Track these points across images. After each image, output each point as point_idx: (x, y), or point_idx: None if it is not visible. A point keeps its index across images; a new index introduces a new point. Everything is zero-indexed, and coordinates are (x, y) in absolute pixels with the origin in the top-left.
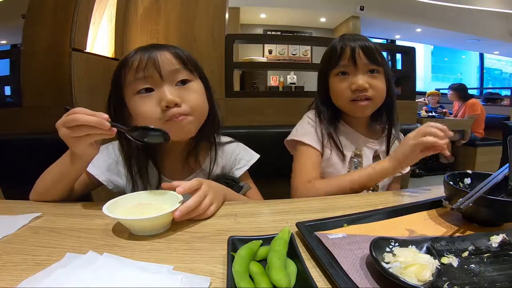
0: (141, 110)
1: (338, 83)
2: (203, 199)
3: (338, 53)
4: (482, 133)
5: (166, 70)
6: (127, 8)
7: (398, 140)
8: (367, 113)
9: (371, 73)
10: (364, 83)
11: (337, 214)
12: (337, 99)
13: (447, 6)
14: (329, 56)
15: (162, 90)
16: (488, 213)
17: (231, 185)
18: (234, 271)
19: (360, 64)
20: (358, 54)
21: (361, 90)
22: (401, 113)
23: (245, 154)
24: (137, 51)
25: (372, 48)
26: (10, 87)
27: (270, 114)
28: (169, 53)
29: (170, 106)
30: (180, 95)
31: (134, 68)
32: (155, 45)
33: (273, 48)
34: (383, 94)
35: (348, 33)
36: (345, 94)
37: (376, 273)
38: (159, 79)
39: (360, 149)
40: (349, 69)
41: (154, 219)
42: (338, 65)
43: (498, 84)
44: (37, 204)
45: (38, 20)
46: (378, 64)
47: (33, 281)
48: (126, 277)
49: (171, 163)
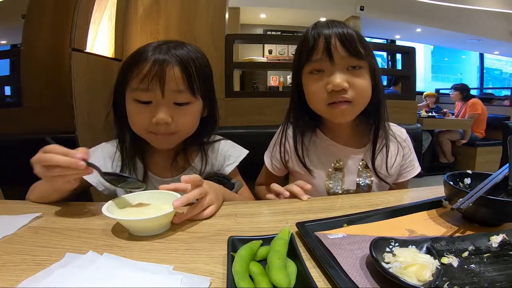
0: (133, 118)
1: (312, 82)
2: (203, 196)
3: (310, 45)
4: (482, 133)
5: (169, 90)
6: (127, 8)
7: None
8: (347, 119)
9: (352, 69)
10: (342, 82)
11: (337, 214)
12: (311, 102)
13: (447, 6)
14: (300, 50)
15: (158, 107)
16: (488, 213)
17: (224, 182)
18: (234, 271)
19: (337, 59)
20: (334, 45)
21: (339, 91)
22: (401, 113)
23: (234, 151)
24: (152, 53)
25: (351, 36)
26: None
27: (270, 114)
28: (180, 69)
29: (160, 124)
30: (173, 114)
31: (142, 75)
32: (170, 50)
33: (273, 48)
34: (367, 94)
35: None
36: (320, 96)
37: (376, 273)
38: (159, 96)
39: (340, 162)
40: (324, 65)
41: (153, 220)
42: (310, 60)
43: (498, 84)
44: (37, 204)
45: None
46: (359, 56)
47: (33, 281)
48: (126, 277)
49: (159, 160)
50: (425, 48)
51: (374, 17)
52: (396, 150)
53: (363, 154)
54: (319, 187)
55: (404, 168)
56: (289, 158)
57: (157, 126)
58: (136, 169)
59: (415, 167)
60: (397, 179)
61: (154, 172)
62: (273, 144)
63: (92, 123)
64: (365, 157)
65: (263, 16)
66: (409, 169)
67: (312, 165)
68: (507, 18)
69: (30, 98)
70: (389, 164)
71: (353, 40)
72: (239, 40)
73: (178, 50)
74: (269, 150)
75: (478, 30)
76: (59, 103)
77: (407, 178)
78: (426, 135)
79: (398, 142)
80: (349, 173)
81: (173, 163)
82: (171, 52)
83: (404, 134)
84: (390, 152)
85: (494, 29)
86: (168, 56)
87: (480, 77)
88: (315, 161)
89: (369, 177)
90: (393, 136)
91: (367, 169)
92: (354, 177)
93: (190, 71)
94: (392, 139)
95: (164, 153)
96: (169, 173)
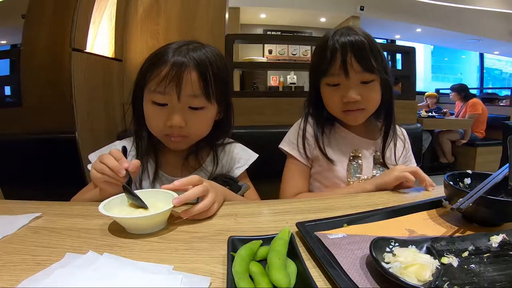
0: (149, 119)
1: (329, 93)
2: (205, 195)
3: (328, 59)
4: (483, 133)
5: (185, 95)
6: (127, 8)
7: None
8: (359, 122)
9: (365, 83)
10: (357, 96)
11: (337, 214)
12: (329, 107)
13: (447, 6)
14: (319, 60)
15: (173, 111)
16: (488, 213)
17: (229, 183)
18: (234, 271)
19: (351, 74)
20: (350, 63)
21: (353, 102)
22: (401, 113)
23: (244, 154)
24: (173, 54)
25: (365, 52)
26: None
27: (270, 114)
28: (197, 74)
29: (174, 127)
30: (187, 118)
31: (160, 77)
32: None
33: (273, 48)
34: (377, 103)
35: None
36: (336, 105)
37: (376, 273)
38: (175, 100)
39: (358, 151)
40: (341, 80)
41: (149, 218)
42: (327, 75)
43: (498, 84)
44: (37, 204)
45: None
46: (372, 72)
47: (33, 281)
48: (126, 277)
49: (171, 159)
50: (425, 48)
51: (374, 17)
52: (400, 146)
53: (376, 146)
54: (340, 174)
55: (405, 162)
56: (313, 149)
57: (171, 129)
58: (148, 167)
59: (412, 162)
60: None
61: (164, 171)
62: (294, 137)
63: (92, 123)
64: (378, 148)
65: (263, 16)
66: (408, 163)
67: (334, 154)
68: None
69: (30, 98)
70: (396, 157)
71: (366, 56)
72: (239, 40)
73: (196, 52)
74: (294, 146)
75: (478, 30)
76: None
77: None
78: (426, 135)
79: (401, 139)
80: (366, 161)
81: (184, 163)
82: (190, 54)
83: (405, 134)
84: (397, 147)
85: (494, 29)
86: (186, 59)
87: (480, 77)
88: (336, 150)
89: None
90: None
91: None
92: (370, 164)
93: (207, 75)
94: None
95: (176, 152)
96: (179, 173)
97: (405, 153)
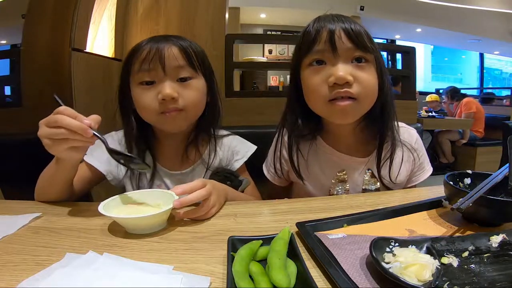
0: (140, 101)
1: (311, 75)
2: (206, 198)
3: (311, 37)
4: (482, 132)
5: (170, 66)
6: (127, 8)
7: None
8: (349, 120)
9: (357, 62)
10: (346, 74)
11: (337, 214)
12: (310, 98)
13: (447, 6)
14: (299, 43)
15: (162, 84)
16: (488, 213)
17: (231, 179)
18: (234, 271)
19: (341, 49)
20: (338, 36)
21: (342, 85)
22: (401, 113)
23: (242, 146)
24: (149, 41)
25: (358, 30)
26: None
27: (270, 114)
28: (177, 48)
29: (167, 99)
30: (179, 90)
31: (142, 58)
32: (167, 37)
33: (273, 48)
34: (373, 92)
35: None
36: (320, 91)
37: (376, 273)
38: (162, 74)
39: (344, 173)
40: (326, 56)
41: (148, 218)
42: (311, 51)
43: (498, 84)
44: (37, 204)
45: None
46: (366, 49)
47: (33, 281)
48: (126, 277)
49: (169, 153)
50: (425, 48)
51: (374, 17)
52: (404, 157)
53: (369, 163)
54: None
55: (414, 173)
56: (289, 169)
57: (165, 103)
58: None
59: (425, 170)
60: (406, 184)
61: (164, 165)
62: (271, 154)
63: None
64: (370, 166)
65: (263, 16)
66: (419, 173)
67: (313, 176)
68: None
69: (30, 98)
70: (395, 173)
71: (359, 33)
72: (239, 40)
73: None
74: (267, 161)
75: (478, 30)
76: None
77: (417, 182)
78: (426, 135)
79: (408, 148)
80: (355, 185)
81: (184, 156)
82: (168, 37)
83: (414, 136)
84: (397, 159)
85: (494, 29)
86: (164, 40)
87: (480, 77)
88: (317, 171)
89: (375, 184)
90: (401, 142)
91: (373, 178)
92: (360, 189)
93: (187, 49)
94: (399, 145)
95: (172, 145)
96: (178, 166)
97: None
